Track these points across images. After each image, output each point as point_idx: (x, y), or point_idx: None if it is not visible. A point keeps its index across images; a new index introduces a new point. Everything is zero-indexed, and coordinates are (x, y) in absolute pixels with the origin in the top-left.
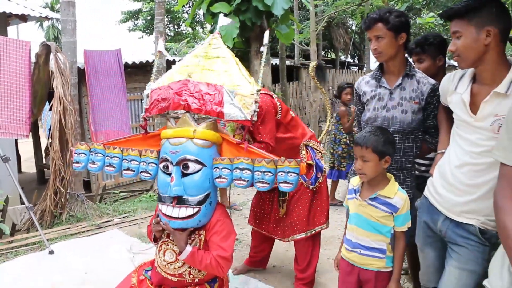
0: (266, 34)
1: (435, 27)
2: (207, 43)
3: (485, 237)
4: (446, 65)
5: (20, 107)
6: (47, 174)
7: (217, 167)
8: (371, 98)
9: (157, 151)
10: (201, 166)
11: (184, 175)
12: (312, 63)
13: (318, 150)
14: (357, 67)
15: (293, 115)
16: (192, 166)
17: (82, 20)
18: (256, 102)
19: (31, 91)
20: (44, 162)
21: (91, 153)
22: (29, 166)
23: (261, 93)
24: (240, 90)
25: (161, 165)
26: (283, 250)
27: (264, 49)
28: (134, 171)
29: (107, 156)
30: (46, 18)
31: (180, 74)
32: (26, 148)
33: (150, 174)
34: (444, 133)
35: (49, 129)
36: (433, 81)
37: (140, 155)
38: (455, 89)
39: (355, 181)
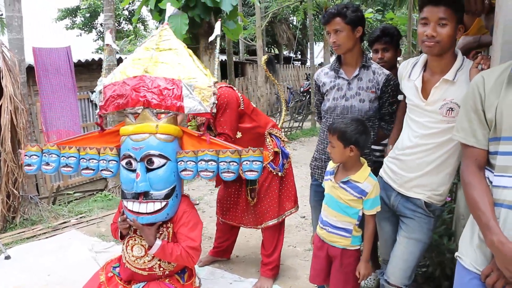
0: (218, 25)
1: (373, 22)
2: (157, 35)
3: (430, 209)
4: None
5: None
6: None
7: (182, 160)
8: (330, 88)
9: (117, 148)
10: (166, 161)
11: (149, 170)
12: (264, 57)
13: (281, 138)
14: (300, 62)
15: (254, 105)
16: (157, 161)
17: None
18: (214, 94)
19: None
20: None
21: (44, 154)
22: None
23: (222, 86)
24: (196, 82)
25: (123, 162)
26: (244, 241)
27: (217, 39)
28: (93, 170)
29: (62, 156)
30: None
31: (133, 68)
32: None
33: (111, 171)
34: (396, 131)
35: None
36: (387, 72)
37: (99, 153)
38: (409, 76)
39: (331, 164)
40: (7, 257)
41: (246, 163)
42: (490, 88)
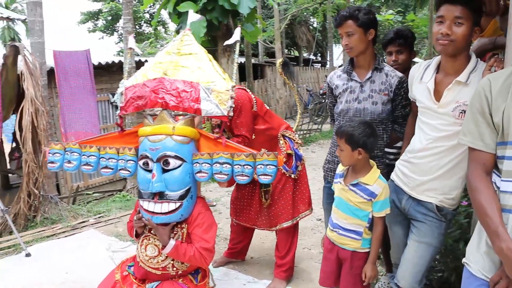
0: (238, 30)
1: (394, 24)
2: (178, 40)
3: (442, 213)
4: None
5: None
6: (12, 180)
7: (197, 162)
8: (343, 91)
9: (135, 148)
10: (181, 162)
11: (164, 171)
12: (279, 60)
13: (295, 140)
14: (320, 64)
15: (267, 107)
16: (173, 162)
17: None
18: (231, 98)
19: (0, 93)
20: (9, 167)
21: (66, 152)
22: None
23: (236, 88)
24: (215, 86)
25: (140, 162)
26: (259, 242)
27: (236, 44)
28: (112, 169)
29: (83, 155)
30: (8, 19)
31: (154, 71)
32: None
33: (129, 171)
34: (406, 142)
35: (13, 133)
36: (400, 74)
37: (118, 152)
38: (421, 78)
39: (341, 166)
40: (28, 255)
41: (260, 167)
42: (497, 92)
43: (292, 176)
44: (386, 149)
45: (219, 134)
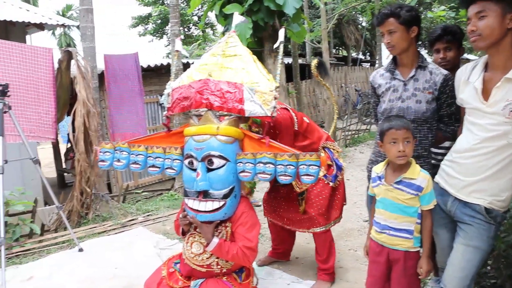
0: (282, 32)
1: (447, 21)
2: (224, 42)
3: (491, 215)
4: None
5: (47, 111)
6: (67, 178)
7: (241, 162)
8: (386, 90)
9: (181, 147)
10: (225, 161)
11: (209, 170)
12: (313, 62)
13: (335, 150)
14: (369, 64)
15: (307, 121)
16: (217, 162)
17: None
18: (275, 98)
19: (55, 96)
20: (64, 166)
21: (116, 151)
22: (47, 171)
23: (279, 108)
24: (259, 87)
25: (186, 161)
26: (304, 243)
27: (280, 45)
28: (159, 168)
29: (132, 154)
30: (63, 25)
31: (199, 73)
32: (44, 154)
33: (175, 170)
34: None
35: (68, 134)
36: (445, 72)
37: (165, 152)
38: (467, 79)
39: (378, 168)
40: (80, 250)
41: (303, 167)
42: None
43: (331, 184)
44: (433, 149)
45: (263, 135)
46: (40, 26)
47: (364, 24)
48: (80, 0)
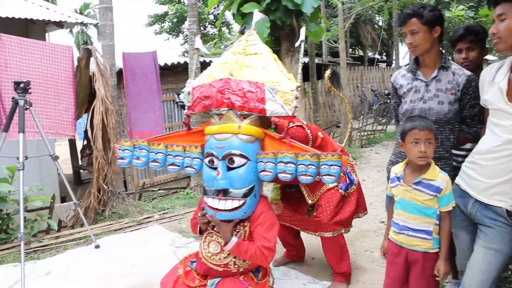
0: (303, 30)
1: (465, 20)
2: (244, 40)
3: None
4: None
5: (66, 108)
6: (83, 175)
7: (262, 161)
8: (407, 90)
9: (201, 146)
10: (246, 160)
11: (229, 169)
12: (327, 72)
13: (348, 163)
14: (385, 64)
15: (322, 136)
16: (238, 160)
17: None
18: (296, 98)
19: (75, 93)
20: (80, 163)
21: (135, 149)
22: (63, 168)
23: (293, 126)
24: (280, 86)
25: (206, 160)
26: (320, 243)
27: (301, 44)
28: (179, 166)
29: (151, 152)
30: (82, 23)
31: (220, 71)
32: (60, 151)
33: (194, 168)
34: None
35: (85, 131)
36: (468, 72)
37: (184, 150)
38: (492, 79)
39: (396, 169)
40: (97, 246)
41: (324, 167)
42: None
43: (340, 191)
44: (454, 151)
45: (284, 134)
46: (60, 24)
47: (380, 23)
48: None
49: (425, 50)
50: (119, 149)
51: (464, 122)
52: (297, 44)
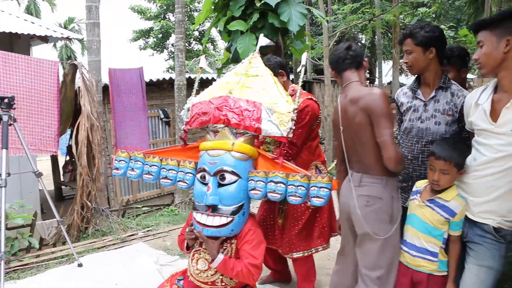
0: (304, 56)
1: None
2: (247, 62)
3: (500, 234)
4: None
5: (49, 124)
6: (65, 191)
7: (252, 180)
8: (407, 109)
9: (195, 162)
10: (237, 178)
11: (220, 185)
12: None
13: (323, 171)
14: (368, 81)
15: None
16: (229, 177)
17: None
18: (292, 120)
19: (59, 109)
20: (62, 179)
21: (131, 161)
22: (45, 184)
23: (309, 98)
24: (277, 107)
25: (198, 175)
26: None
27: (303, 69)
28: (171, 180)
29: (146, 164)
30: (68, 38)
31: (220, 90)
32: (41, 166)
33: (186, 183)
34: None
35: (68, 147)
36: (467, 94)
37: (178, 165)
38: (477, 101)
39: (420, 183)
40: (80, 265)
41: (314, 189)
42: None
43: (309, 204)
44: None
45: (277, 155)
46: (45, 39)
47: (364, 42)
48: (87, 14)
49: (420, 70)
50: (115, 160)
51: (464, 144)
52: (298, 70)
